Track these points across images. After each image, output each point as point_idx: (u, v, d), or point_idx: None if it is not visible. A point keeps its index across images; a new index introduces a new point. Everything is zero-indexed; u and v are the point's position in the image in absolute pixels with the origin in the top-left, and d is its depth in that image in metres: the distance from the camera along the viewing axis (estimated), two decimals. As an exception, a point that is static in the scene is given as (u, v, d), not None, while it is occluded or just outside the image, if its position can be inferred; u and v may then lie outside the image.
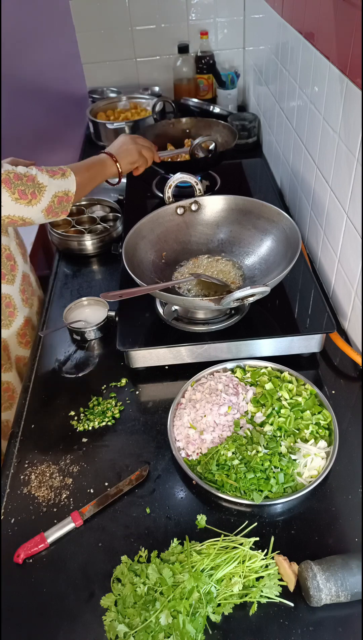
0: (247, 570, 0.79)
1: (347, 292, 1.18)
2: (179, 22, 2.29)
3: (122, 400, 1.12)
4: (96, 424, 1.07)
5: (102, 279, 1.49)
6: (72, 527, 0.90)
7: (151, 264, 1.22)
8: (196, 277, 1.16)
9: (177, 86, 2.34)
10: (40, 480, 0.98)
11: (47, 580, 0.84)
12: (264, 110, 1.95)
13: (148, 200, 1.64)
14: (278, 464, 0.90)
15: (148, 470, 0.98)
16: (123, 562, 0.83)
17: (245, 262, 1.25)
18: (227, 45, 2.36)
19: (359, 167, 1.03)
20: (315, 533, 0.87)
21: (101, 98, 2.34)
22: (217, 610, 0.76)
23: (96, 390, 1.14)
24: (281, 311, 1.18)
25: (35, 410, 1.12)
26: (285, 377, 1.07)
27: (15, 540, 0.89)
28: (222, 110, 2.14)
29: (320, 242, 1.35)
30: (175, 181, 1.30)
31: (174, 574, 0.78)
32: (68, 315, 1.30)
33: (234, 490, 0.90)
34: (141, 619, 0.74)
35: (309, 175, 1.38)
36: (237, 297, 0.96)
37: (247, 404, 1.03)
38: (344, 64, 1.05)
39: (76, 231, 1.59)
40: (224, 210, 1.30)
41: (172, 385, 1.13)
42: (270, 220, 1.22)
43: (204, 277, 1.17)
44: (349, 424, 1.03)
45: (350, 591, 0.75)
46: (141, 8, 2.24)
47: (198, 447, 0.97)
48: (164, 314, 1.19)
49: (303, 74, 1.35)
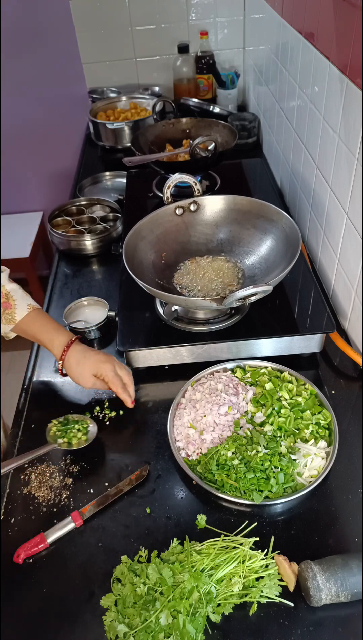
0: (247, 570, 0.79)
1: (347, 292, 1.18)
2: (179, 22, 2.29)
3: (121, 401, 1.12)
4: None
5: (102, 279, 1.49)
6: (72, 527, 0.90)
7: (151, 264, 1.22)
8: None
9: (177, 86, 2.34)
10: (40, 480, 0.98)
11: (47, 580, 0.84)
12: (264, 110, 1.95)
13: (148, 200, 1.64)
14: (278, 464, 0.90)
15: (147, 470, 0.98)
16: (123, 562, 0.83)
17: (245, 261, 1.25)
18: (227, 45, 2.36)
19: (359, 167, 1.03)
20: (315, 533, 0.87)
21: (101, 98, 2.34)
22: (217, 610, 0.76)
23: (95, 390, 1.14)
24: (281, 311, 1.18)
25: (35, 410, 1.12)
26: (285, 377, 1.07)
27: (15, 540, 0.89)
28: (222, 110, 2.14)
29: (320, 242, 1.35)
30: (174, 181, 1.30)
31: (174, 574, 0.78)
32: (68, 315, 1.30)
33: (234, 490, 0.90)
34: (141, 619, 0.74)
35: (309, 175, 1.38)
36: (240, 296, 0.96)
37: (247, 404, 1.03)
38: (344, 64, 1.05)
39: (76, 231, 1.59)
40: (223, 210, 1.30)
41: (172, 385, 1.13)
42: (270, 220, 1.22)
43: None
44: (349, 424, 1.03)
45: (350, 591, 0.75)
46: (141, 8, 2.24)
47: (198, 447, 0.97)
48: (164, 314, 1.19)
49: (303, 74, 1.35)
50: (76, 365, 1.05)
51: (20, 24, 2.33)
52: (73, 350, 1.06)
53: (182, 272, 1.25)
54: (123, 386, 1.05)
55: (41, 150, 2.71)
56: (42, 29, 2.35)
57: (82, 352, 1.06)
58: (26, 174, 2.79)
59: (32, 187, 2.84)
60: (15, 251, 2.63)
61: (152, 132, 1.79)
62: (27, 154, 2.72)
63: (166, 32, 2.31)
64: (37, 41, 2.38)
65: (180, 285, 1.22)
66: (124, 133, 2.08)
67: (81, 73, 2.41)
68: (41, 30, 2.36)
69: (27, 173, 2.78)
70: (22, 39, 2.37)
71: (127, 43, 2.33)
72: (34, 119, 2.60)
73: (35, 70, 2.45)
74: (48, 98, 2.54)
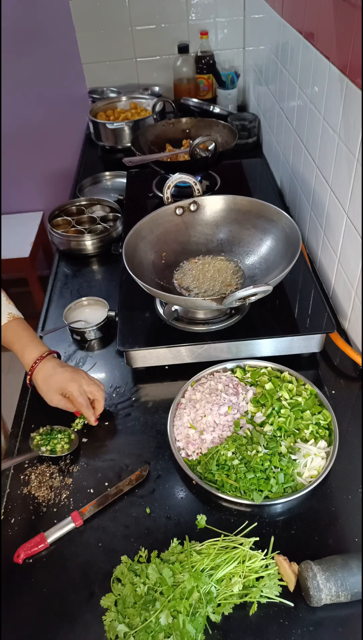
0: (247, 570, 0.79)
1: (347, 292, 1.18)
2: (179, 22, 2.29)
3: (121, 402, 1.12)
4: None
5: (102, 279, 1.49)
6: (72, 527, 0.90)
7: (151, 264, 1.22)
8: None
9: (177, 86, 2.34)
10: (40, 480, 0.98)
11: (47, 580, 0.84)
12: (264, 110, 1.95)
13: (148, 200, 1.64)
14: (278, 464, 0.90)
15: (147, 470, 0.98)
16: (123, 562, 0.83)
17: (245, 261, 1.25)
18: (227, 45, 2.36)
19: (359, 167, 1.02)
20: (315, 533, 0.87)
21: (101, 98, 2.34)
22: (217, 610, 0.76)
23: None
24: (281, 311, 1.18)
25: (35, 410, 1.12)
26: (285, 377, 1.07)
27: (15, 540, 0.89)
28: (222, 110, 2.14)
29: (320, 242, 1.35)
30: (174, 182, 1.30)
31: (174, 574, 0.78)
32: (68, 315, 1.30)
33: (234, 490, 0.90)
34: (141, 619, 0.74)
35: (309, 175, 1.38)
36: (240, 296, 0.96)
37: (247, 404, 1.03)
38: (344, 64, 1.05)
39: (76, 231, 1.59)
40: (223, 210, 1.30)
41: (172, 385, 1.13)
42: (270, 220, 1.22)
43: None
44: (349, 424, 1.03)
45: (350, 591, 0.75)
46: (141, 8, 2.24)
47: (198, 447, 0.97)
48: (164, 314, 1.18)
49: (303, 74, 1.35)
50: (42, 382, 1.04)
51: (20, 24, 2.33)
52: (43, 365, 1.05)
53: (182, 272, 1.25)
54: (88, 405, 1.04)
55: (41, 150, 2.71)
56: (42, 29, 2.35)
57: (52, 369, 1.04)
58: (26, 174, 2.79)
59: (32, 187, 2.84)
60: (15, 251, 2.63)
61: (152, 132, 1.79)
62: (27, 154, 2.72)
63: (166, 32, 2.31)
64: (37, 41, 2.38)
65: (180, 285, 1.22)
66: (124, 133, 2.08)
67: (81, 73, 2.41)
68: (41, 30, 2.36)
69: (27, 173, 2.78)
70: (22, 39, 2.37)
71: (127, 43, 2.33)
72: (34, 119, 2.60)
73: (35, 70, 2.45)
74: (48, 98, 2.54)
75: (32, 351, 1.06)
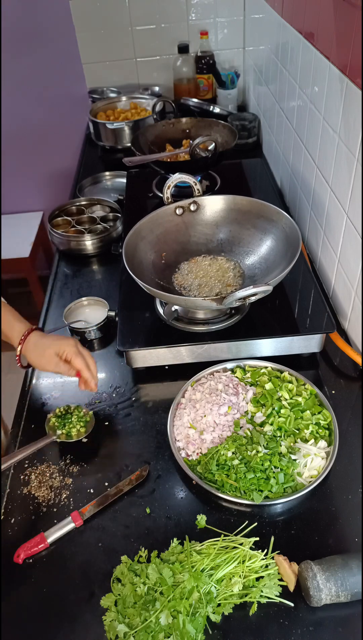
0: (247, 570, 0.79)
1: (347, 292, 1.18)
2: (179, 22, 2.29)
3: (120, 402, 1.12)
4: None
5: (102, 279, 1.49)
6: (72, 527, 0.90)
7: (151, 264, 1.22)
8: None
9: (177, 86, 2.34)
10: (40, 480, 0.98)
11: (47, 580, 0.84)
12: (264, 110, 1.95)
13: (148, 200, 1.64)
14: (278, 464, 0.90)
15: (147, 470, 0.98)
16: (123, 562, 0.83)
17: (245, 261, 1.25)
18: (227, 45, 2.36)
19: (359, 167, 1.03)
20: (315, 533, 0.87)
21: (101, 98, 2.34)
22: (217, 610, 0.76)
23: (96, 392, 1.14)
24: (281, 311, 1.18)
25: (35, 411, 1.12)
26: (285, 377, 1.07)
27: (15, 540, 0.89)
28: (222, 110, 2.14)
29: (320, 242, 1.35)
30: (174, 182, 1.30)
31: (174, 574, 0.78)
32: (68, 315, 1.30)
33: (234, 490, 0.90)
34: (141, 619, 0.74)
35: (309, 175, 1.38)
36: (240, 296, 0.96)
37: (247, 404, 1.03)
38: (344, 64, 1.05)
39: (76, 231, 1.59)
40: (223, 210, 1.30)
41: (172, 385, 1.13)
42: (270, 220, 1.22)
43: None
44: (349, 424, 1.03)
45: (350, 591, 0.75)
46: (141, 8, 2.24)
47: (198, 447, 0.97)
48: (164, 314, 1.19)
49: (303, 74, 1.35)
50: (34, 348, 1.00)
51: (20, 24, 2.33)
52: (33, 335, 1.02)
53: (182, 272, 1.25)
54: (87, 366, 0.99)
55: (41, 150, 2.71)
56: (42, 29, 2.35)
57: (42, 336, 1.02)
58: (26, 174, 2.79)
59: (32, 187, 2.84)
60: (15, 251, 2.63)
61: (152, 132, 1.79)
62: (27, 154, 2.72)
63: (166, 32, 2.31)
64: (37, 41, 2.38)
65: (180, 285, 1.22)
66: (124, 133, 2.08)
67: (81, 73, 2.41)
68: (41, 30, 2.36)
69: (27, 173, 2.78)
70: (22, 39, 2.37)
71: (127, 43, 2.33)
72: (34, 119, 2.60)
73: (35, 70, 2.45)
74: (48, 98, 2.54)
75: (21, 326, 1.04)
